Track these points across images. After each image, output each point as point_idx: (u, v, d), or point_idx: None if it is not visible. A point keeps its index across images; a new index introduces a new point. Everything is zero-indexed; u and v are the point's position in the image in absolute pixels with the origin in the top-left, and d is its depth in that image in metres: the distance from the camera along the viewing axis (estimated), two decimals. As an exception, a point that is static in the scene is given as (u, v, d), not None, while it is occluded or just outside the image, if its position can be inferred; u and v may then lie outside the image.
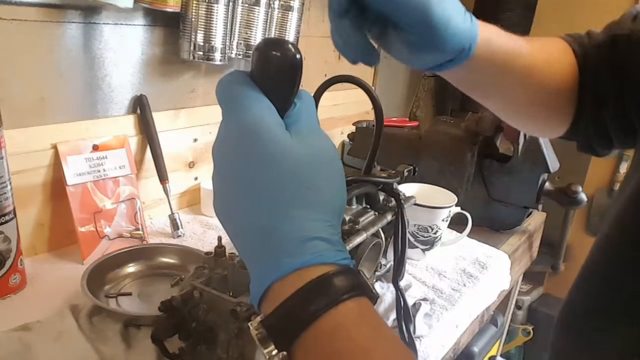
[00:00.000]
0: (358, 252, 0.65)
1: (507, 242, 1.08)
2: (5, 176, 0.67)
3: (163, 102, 0.95)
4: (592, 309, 0.39)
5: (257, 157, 0.32)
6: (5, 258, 0.68)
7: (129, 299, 0.72)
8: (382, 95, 1.57)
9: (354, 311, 0.30)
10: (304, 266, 0.30)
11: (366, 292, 0.31)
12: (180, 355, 0.55)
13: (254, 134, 0.32)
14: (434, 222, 0.89)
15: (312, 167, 0.32)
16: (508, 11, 1.62)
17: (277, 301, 0.30)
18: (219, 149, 0.34)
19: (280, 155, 0.31)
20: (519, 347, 1.94)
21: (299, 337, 0.29)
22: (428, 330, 0.73)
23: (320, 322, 0.29)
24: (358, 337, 0.29)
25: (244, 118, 0.33)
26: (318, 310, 0.29)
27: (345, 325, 0.29)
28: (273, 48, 0.34)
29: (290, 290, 0.29)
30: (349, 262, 0.32)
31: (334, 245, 0.31)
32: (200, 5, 0.86)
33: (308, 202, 0.32)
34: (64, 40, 0.78)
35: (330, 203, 0.33)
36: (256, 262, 0.32)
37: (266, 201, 0.31)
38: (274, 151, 0.31)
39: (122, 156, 0.88)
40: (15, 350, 0.58)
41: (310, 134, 0.34)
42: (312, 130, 0.35)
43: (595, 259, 0.41)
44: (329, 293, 0.29)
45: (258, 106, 0.33)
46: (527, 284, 1.99)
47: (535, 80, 0.49)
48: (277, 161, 0.31)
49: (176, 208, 1.01)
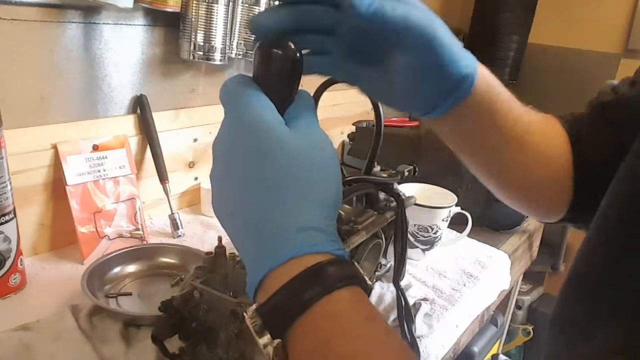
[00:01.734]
0: (358, 252, 0.65)
1: (507, 242, 1.08)
2: (5, 176, 0.67)
3: (163, 102, 0.95)
4: (578, 310, 0.39)
5: (255, 151, 0.32)
6: (5, 258, 0.68)
7: (129, 299, 0.72)
8: (382, 95, 1.56)
9: (348, 299, 0.30)
10: (298, 255, 0.30)
11: (360, 283, 0.32)
12: (180, 355, 0.55)
13: (253, 129, 0.33)
14: (434, 222, 0.89)
15: (308, 160, 0.33)
16: (508, 11, 1.62)
17: (272, 290, 0.30)
18: (219, 145, 0.35)
19: (277, 148, 0.32)
20: (519, 347, 1.94)
21: (293, 324, 0.29)
22: (428, 330, 0.73)
23: (314, 309, 0.29)
24: (351, 325, 0.29)
25: (244, 114, 0.33)
26: (312, 298, 0.29)
27: (339, 312, 0.30)
28: (274, 46, 0.35)
29: (285, 278, 0.30)
30: (344, 252, 0.32)
31: (328, 236, 0.32)
32: (200, 5, 0.86)
33: (303, 194, 0.32)
34: (64, 40, 0.78)
35: (325, 196, 0.33)
36: (252, 253, 0.33)
37: (262, 193, 0.32)
38: (271, 145, 0.32)
39: (122, 156, 0.88)
40: (15, 350, 0.58)
41: (308, 129, 0.35)
42: (310, 126, 0.35)
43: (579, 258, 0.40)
44: (322, 281, 0.30)
45: (258, 103, 0.34)
46: (527, 284, 1.98)
47: (532, 140, 0.47)
48: (274, 154, 0.32)
49: (176, 208, 1.01)
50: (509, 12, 1.62)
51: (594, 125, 0.48)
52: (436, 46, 0.36)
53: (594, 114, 0.49)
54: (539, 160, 0.48)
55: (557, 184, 0.49)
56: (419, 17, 0.35)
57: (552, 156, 0.48)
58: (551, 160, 0.48)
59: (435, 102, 0.40)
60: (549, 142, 0.48)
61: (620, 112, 0.46)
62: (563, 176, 0.49)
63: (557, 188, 0.50)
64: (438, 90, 0.39)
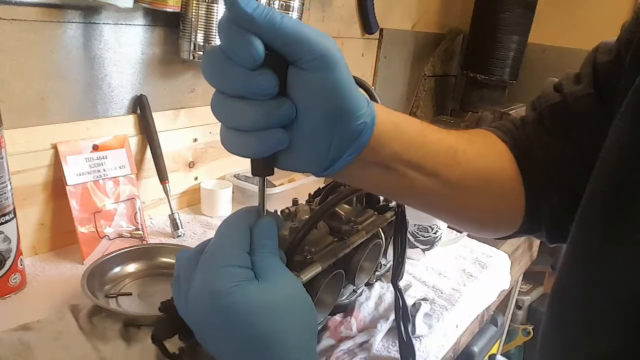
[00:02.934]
0: (358, 252, 0.65)
1: (507, 242, 1.08)
2: (5, 176, 0.67)
3: (163, 102, 0.95)
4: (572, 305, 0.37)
5: (215, 310, 0.34)
6: (5, 258, 0.68)
7: (129, 299, 0.72)
8: (382, 95, 1.56)
9: None
10: None
11: None
12: (180, 355, 0.55)
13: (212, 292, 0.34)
14: (434, 221, 0.89)
15: (270, 316, 0.34)
16: (508, 11, 1.62)
17: None
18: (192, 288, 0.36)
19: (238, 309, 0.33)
20: (519, 347, 1.94)
21: None
22: (428, 330, 0.73)
23: None
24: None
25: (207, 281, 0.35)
26: None
27: None
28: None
29: None
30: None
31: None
32: (200, 5, 0.86)
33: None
34: (64, 40, 0.78)
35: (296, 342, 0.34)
36: None
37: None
38: (229, 305, 0.33)
39: (122, 156, 0.88)
40: (15, 350, 0.58)
41: (271, 280, 0.35)
42: (275, 275, 0.36)
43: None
44: None
45: (224, 262, 0.35)
46: (527, 283, 1.98)
47: (462, 158, 0.43)
48: (233, 314, 0.33)
49: (176, 208, 1.01)
50: (509, 12, 1.61)
51: (543, 127, 0.47)
52: (332, 67, 0.32)
53: (542, 117, 0.48)
54: (478, 169, 0.44)
55: (506, 193, 0.47)
56: (311, 32, 0.32)
57: (497, 172, 0.46)
58: (493, 180, 0.46)
59: (335, 153, 0.35)
60: (491, 158, 0.46)
61: (570, 113, 0.45)
62: (511, 191, 0.47)
63: (507, 197, 0.47)
64: (339, 135, 0.34)
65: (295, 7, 1.02)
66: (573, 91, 0.46)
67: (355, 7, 1.37)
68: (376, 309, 0.75)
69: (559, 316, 0.38)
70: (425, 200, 0.45)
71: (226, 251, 0.35)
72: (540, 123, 0.48)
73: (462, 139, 0.44)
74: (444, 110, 1.92)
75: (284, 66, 0.32)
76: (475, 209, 0.47)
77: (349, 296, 0.74)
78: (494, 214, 0.48)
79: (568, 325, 0.36)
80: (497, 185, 0.46)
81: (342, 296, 0.72)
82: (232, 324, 0.33)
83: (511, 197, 0.47)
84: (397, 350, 0.68)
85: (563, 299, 0.37)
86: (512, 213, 0.48)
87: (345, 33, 1.37)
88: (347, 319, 0.71)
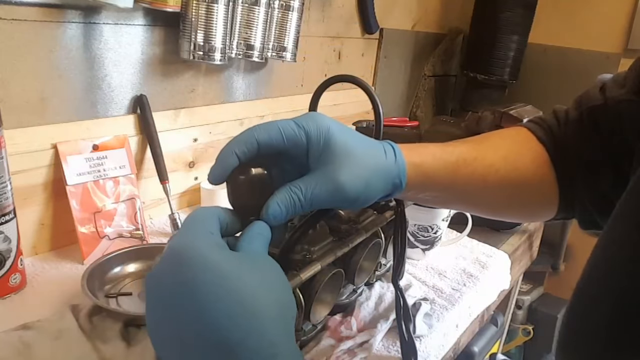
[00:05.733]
0: (358, 252, 0.65)
1: (507, 242, 1.08)
2: (5, 176, 0.67)
3: (163, 102, 0.95)
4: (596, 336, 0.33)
5: (180, 277, 0.32)
6: (5, 258, 0.68)
7: (129, 299, 0.72)
8: (382, 95, 1.57)
9: None
10: None
11: None
12: (180, 355, 0.55)
13: (180, 256, 0.33)
14: (434, 221, 0.89)
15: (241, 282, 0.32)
16: (508, 11, 1.62)
17: None
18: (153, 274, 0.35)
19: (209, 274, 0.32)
20: (519, 346, 1.95)
21: None
22: (428, 330, 0.73)
23: None
24: None
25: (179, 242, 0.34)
26: None
27: None
28: (239, 173, 0.39)
29: None
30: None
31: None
32: (200, 5, 0.86)
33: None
34: (64, 40, 0.78)
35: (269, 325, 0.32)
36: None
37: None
38: (199, 270, 0.32)
39: (122, 156, 0.88)
40: (15, 349, 0.58)
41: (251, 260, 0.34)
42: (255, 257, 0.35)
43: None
44: None
45: (196, 229, 0.34)
46: (527, 283, 1.99)
47: (493, 179, 0.48)
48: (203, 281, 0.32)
49: (176, 208, 1.01)
50: (509, 12, 1.61)
51: (583, 129, 0.48)
52: (348, 198, 0.41)
53: (582, 118, 0.49)
54: (508, 180, 0.49)
55: (541, 195, 0.51)
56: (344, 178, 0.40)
57: (531, 179, 0.50)
58: (526, 189, 0.50)
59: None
60: (524, 168, 0.50)
61: (607, 116, 0.46)
62: (546, 192, 0.50)
63: (541, 198, 0.51)
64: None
65: (295, 7, 1.02)
66: (614, 95, 0.46)
67: (355, 7, 1.37)
68: (376, 309, 0.75)
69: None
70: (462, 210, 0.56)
71: (197, 221, 0.35)
72: (581, 124, 0.49)
73: (497, 156, 0.49)
74: (444, 110, 1.92)
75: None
76: (511, 215, 0.55)
77: (349, 296, 0.74)
78: (530, 213, 0.55)
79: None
80: (531, 191, 0.50)
81: (342, 296, 0.72)
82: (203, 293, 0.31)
83: (546, 198, 0.51)
84: (398, 350, 0.68)
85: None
86: (547, 209, 0.52)
87: (345, 33, 1.37)
88: (347, 319, 0.71)
